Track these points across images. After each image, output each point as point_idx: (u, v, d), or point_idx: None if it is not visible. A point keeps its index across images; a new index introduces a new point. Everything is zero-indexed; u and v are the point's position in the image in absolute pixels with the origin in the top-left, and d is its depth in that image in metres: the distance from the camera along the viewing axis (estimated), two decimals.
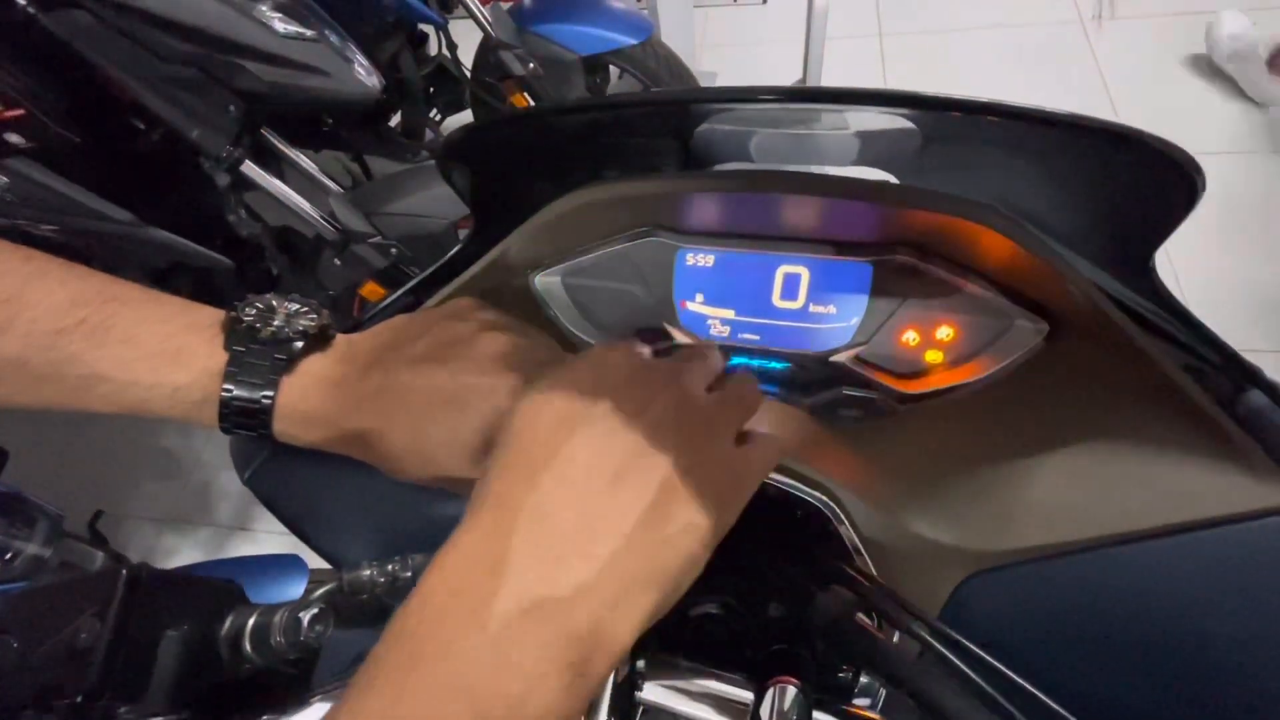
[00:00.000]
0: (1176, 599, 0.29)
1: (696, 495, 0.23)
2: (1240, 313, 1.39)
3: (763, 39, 2.22)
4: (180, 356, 0.30)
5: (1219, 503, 0.29)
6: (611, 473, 0.22)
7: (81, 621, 0.20)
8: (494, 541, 0.21)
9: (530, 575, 0.20)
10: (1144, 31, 1.89)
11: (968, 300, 0.37)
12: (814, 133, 0.40)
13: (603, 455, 0.23)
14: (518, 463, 0.23)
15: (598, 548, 0.21)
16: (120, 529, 1.59)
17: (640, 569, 0.22)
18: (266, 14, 0.93)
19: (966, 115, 0.30)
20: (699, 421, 0.25)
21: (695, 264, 0.42)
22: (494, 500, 0.22)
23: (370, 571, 0.25)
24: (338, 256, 1.15)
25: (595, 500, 0.22)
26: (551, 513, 0.22)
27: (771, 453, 0.28)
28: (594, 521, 0.22)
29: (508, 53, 1.31)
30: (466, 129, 0.37)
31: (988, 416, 0.37)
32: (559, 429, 0.23)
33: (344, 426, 0.31)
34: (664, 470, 0.23)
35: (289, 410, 0.31)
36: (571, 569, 0.21)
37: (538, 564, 0.21)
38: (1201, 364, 0.30)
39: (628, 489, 0.22)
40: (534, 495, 0.22)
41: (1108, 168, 0.30)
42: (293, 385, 0.31)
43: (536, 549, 0.21)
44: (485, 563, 0.21)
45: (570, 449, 0.23)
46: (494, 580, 0.20)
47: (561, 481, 0.22)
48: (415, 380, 0.31)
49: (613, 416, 0.23)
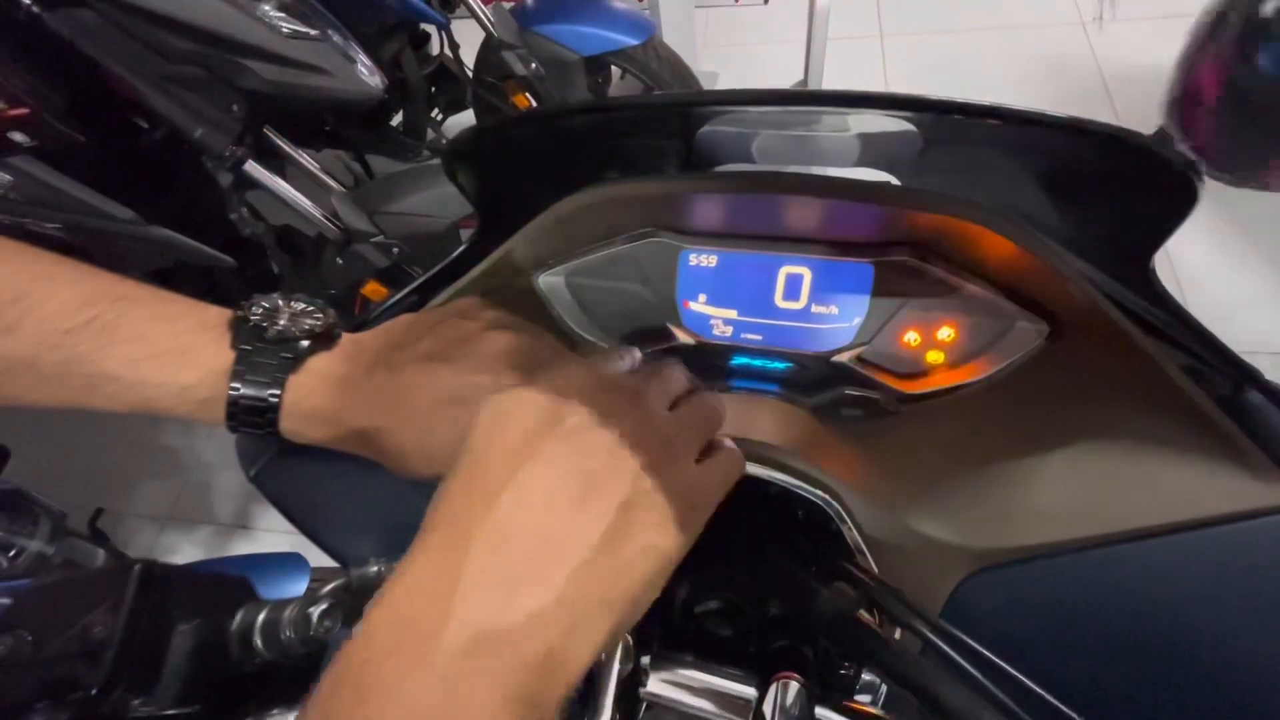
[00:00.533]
0: (1176, 597, 0.29)
1: (656, 517, 0.23)
2: (1239, 313, 1.39)
3: (764, 39, 2.22)
4: (188, 355, 0.30)
5: (1218, 502, 0.29)
6: (571, 496, 0.22)
7: (95, 616, 0.21)
8: (445, 569, 0.20)
9: (483, 606, 0.20)
10: (1145, 33, 1.89)
11: (969, 301, 0.37)
12: (815, 134, 0.40)
13: (563, 478, 0.22)
14: (475, 482, 0.22)
15: (554, 573, 0.21)
16: (121, 527, 1.59)
17: (598, 593, 0.21)
18: (270, 13, 0.93)
19: (967, 119, 0.31)
20: (658, 443, 0.24)
21: (698, 264, 0.42)
22: (448, 521, 0.22)
23: (378, 568, 0.25)
24: (340, 255, 1.16)
25: (553, 524, 0.21)
26: (508, 537, 0.21)
27: (732, 469, 0.28)
28: (551, 546, 0.21)
29: (510, 53, 1.32)
30: (474, 130, 0.37)
31: (989, 416, 0.37)
32: (520, 449, 0.23)
33: (349, 424, 0.31)
34: (623, 493, 0.22)
35: (295, 408, 0.31)
36: (526, 596, 0.20)
37: (490, 593, 0.20)
38: (1200, 365, 0.30)
39: (586, 512, 0.22)
40: (491, 518, 0.21)
41: (1107, 171, 0.31)
42: (299, 384, 0.31)
43: (489, 576, 0.20)
44: (435, 592, 0.20)
45: (529, 471, 0.22)
46: (443, 612, 0.20)
47: (519, 505, 0.21)
48: (420, 378, 0.31)
49: (573, 438, 0.23)
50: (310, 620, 0.23)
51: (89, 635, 0.20)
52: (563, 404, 0.24)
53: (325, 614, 0.23)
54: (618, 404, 0.25)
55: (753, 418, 0.40)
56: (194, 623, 0.22)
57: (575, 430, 0.23)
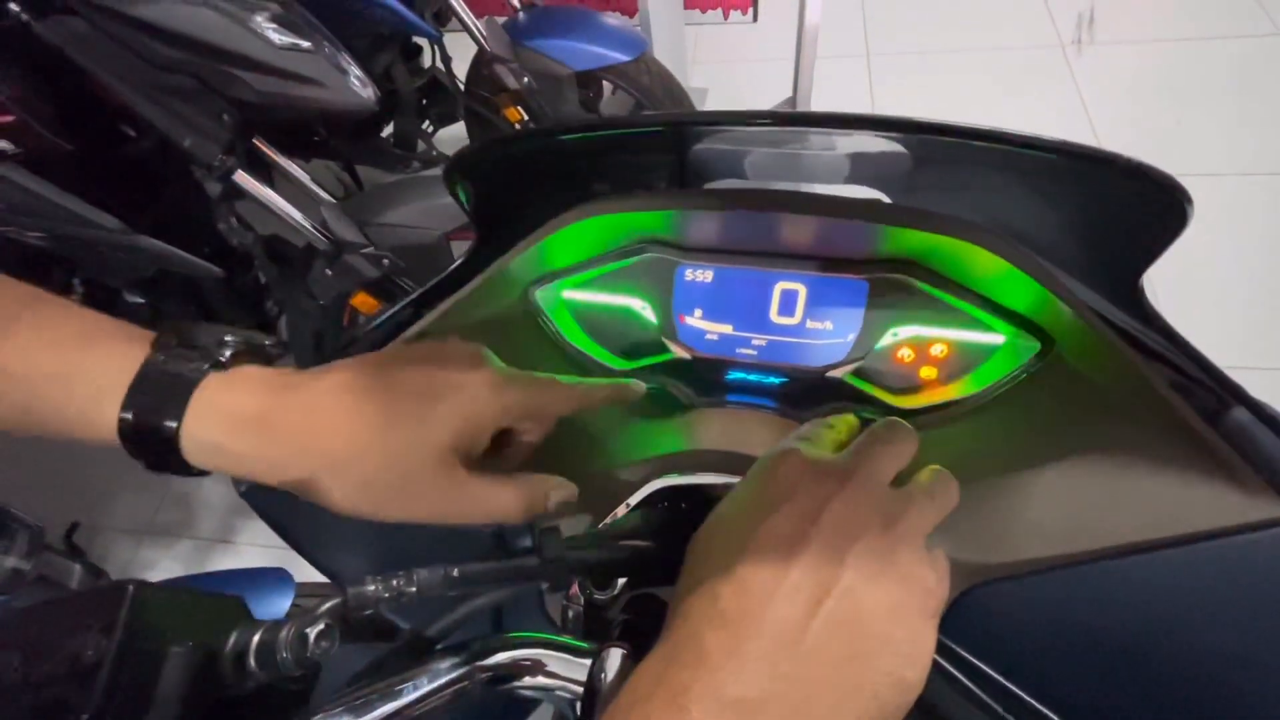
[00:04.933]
0: (1168, 611, 0.30)
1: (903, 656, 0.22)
2: (1226, 330, 1.42)
3: (753, 56, 2.25)
4: (93, 344, 0.28)
5: (1207, 517, 0.29)
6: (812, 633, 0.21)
7: (86, 639, 0.20)
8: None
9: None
10: (1121, 56, 1.94)
11: (961, 318, 0.38)
12: (806, 152, 0.41)
13: (800, 614, 0.22)
14: (714, 625, 0.22)
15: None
16: (97, 541, 1.55)
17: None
18: (262, 24, 0.93)
19: (954, 140, 0.31)
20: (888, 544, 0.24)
21: (694, 279, 0.43)
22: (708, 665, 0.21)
23: (375, 586, 0.24)
24: (329, 266, 1.15)
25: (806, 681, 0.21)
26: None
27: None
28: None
29: (502, 66, 1.32)
30: (477, 146, 0.38)
31: (981, 431, 0.38)
32: (759, 593, 0.22)
33: (287, 452, 0.28)
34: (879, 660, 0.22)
35: (212, 428, 0.28)
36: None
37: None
38: (1189, 382, 0.31)
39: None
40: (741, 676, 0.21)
41: (1097, 193, 0.31)
42: (218, 399, 0.28)
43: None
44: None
45: (768, 616, 0.22)
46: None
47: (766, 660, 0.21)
48: (376, 381, 0.29)
49: (805, 559, 0.22)
50: (307, 641, 0.22)
51: (80, 658, 0.20)
52: (785, 517, 0.24)
53: (322, 635, 0.23)
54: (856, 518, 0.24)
55: (748, 432, 0.41)
56: (187, 644, 0.22)
57: (810, 551, 0.23)
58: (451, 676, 0.30)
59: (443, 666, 0.30)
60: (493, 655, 0.31)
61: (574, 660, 0.30)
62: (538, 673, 0.31)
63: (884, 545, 0.24)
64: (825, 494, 0.24)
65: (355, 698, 0.28)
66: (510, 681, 0.31)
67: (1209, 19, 1.95)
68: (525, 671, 0.31)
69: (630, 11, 2.09)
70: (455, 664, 0.30)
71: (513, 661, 0.31)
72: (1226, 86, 1.80)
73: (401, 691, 0.29)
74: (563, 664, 0.31)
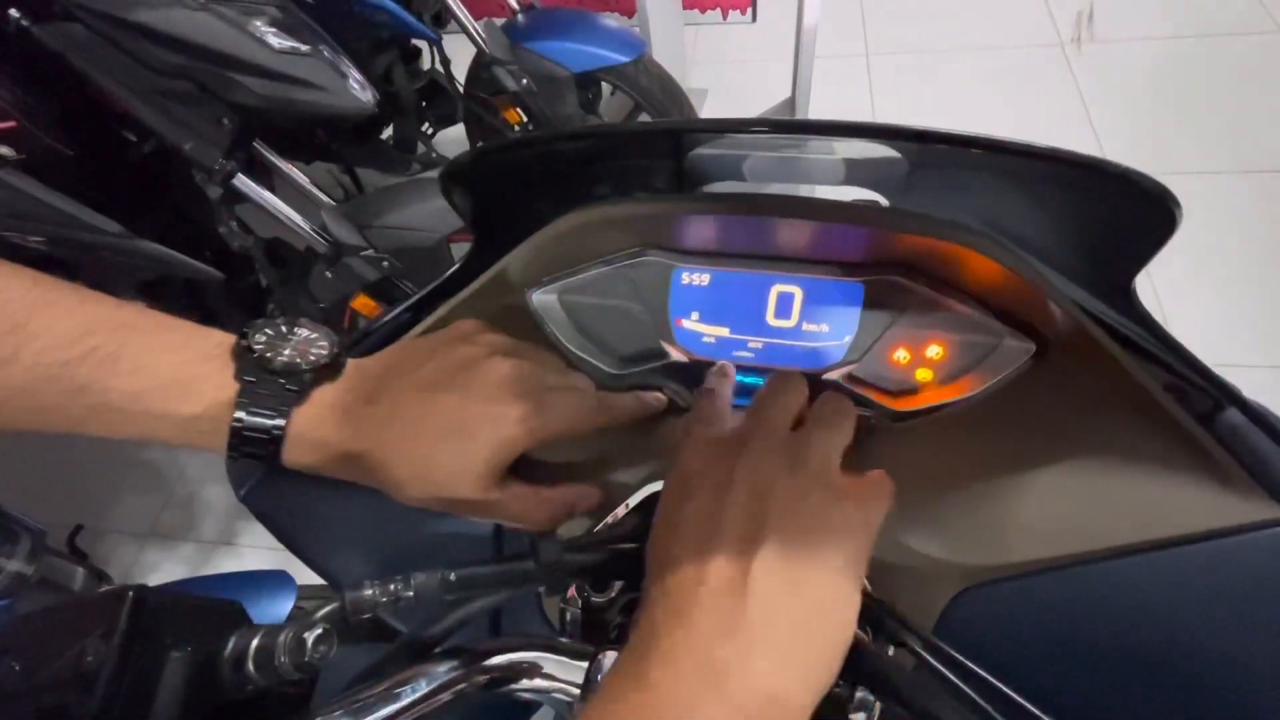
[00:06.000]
0: (1161, 612, 0.30)
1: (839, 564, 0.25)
2: (1225, 327, 1.42)
3: (752, 57, 2.25)
4: (190, 386, 0.30)
5: (1201, 518, 0.29)
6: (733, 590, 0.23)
7: (87, 644, 0.20)
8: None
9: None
10: (1121, 54, 1.94)
11: (956, 320, 0.38)
12: (804, 156, 0.41)
13: (710, 572, 0.24)
14: (669, 617, 0.24)
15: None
16: (100, 544, 1.55)
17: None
18: (261, 29, 0.93)
19: (949, 147, 0.32)
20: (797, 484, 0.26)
21: (691, 282, 0.43)
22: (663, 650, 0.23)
23: (372, 591, 0.25)
24: (329, 269, 1.15)
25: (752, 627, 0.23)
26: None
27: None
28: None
29: (501, 68, 1.33)
30: (472, 152, 0.38)
31: (978, 433, 0.38)
32: (677, 560, 0.25)
33: (351, 453, 0.31)
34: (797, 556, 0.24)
35: (298, 439, 0.31)
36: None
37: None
38: (1182, 383, 0.31)
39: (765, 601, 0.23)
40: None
41: (1089, 198, 0.32)
42: (303, 415, 0.31)
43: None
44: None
45: (705, 596, 0.23)
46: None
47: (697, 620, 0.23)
48: (422, 408, 0.32)
49: (708, 524, 0.25)
50: (305, 645, 0.23)
51: (81, 663, 0.20)
52: (693, 488, 0.27)
53: (320, 639, 0.23)
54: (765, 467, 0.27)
55: None
56: (187, 649, 0.22)
57: (713, 517, 0.25)
58: (450, 679, 0.30)
59: (441, 669, 0.30)
60: (491, 658, 0.31)
61: (571, 663, 0.31)
62: (535, 675, 0.31)
63: (797, 486, 0.26)
64: (729, 463, 0.27)
65: (354, 701, 0.29)
66: (508, 684, 0.31)
67: (1209, 16, 1.95)
68: (523, 674, 0.31)
69: (629, 12, 2.09)
70: (453, 667, 0.30)
71: (510, 664, 0.31)
72: (1227, 84, 1.80)
73: (400, 694, 0.29)
74: (560, 666, 0.31)
